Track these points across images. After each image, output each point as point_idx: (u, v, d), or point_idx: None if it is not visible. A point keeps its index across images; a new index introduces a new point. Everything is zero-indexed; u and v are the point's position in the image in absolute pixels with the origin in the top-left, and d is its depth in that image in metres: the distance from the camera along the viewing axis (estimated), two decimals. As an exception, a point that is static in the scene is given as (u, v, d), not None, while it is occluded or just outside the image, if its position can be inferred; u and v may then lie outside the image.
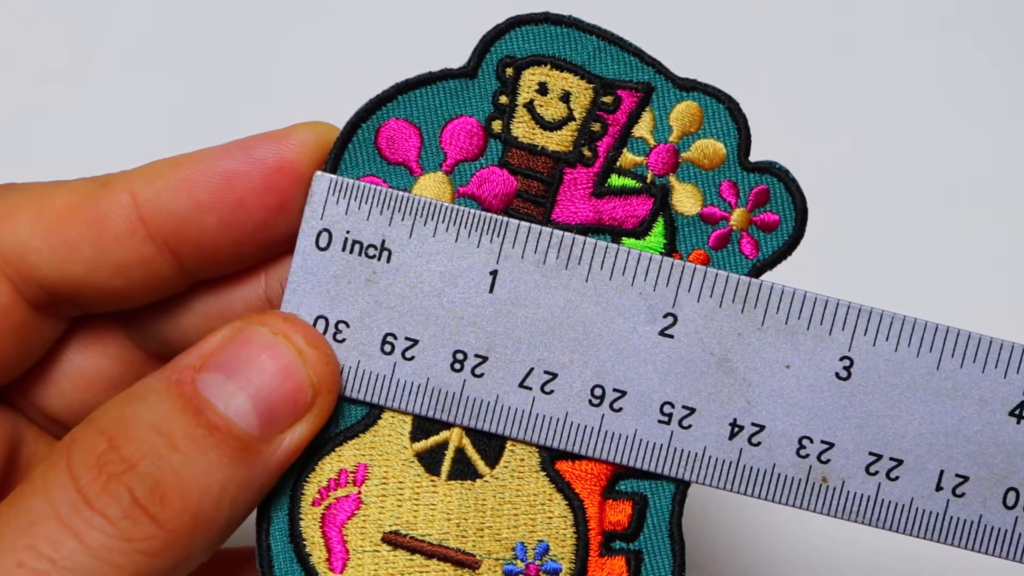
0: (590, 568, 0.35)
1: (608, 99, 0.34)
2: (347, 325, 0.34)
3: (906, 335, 0.34)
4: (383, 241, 0.33)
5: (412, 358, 0.34)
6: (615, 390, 0.34)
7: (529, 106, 0.34)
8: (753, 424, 0.34)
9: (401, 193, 0.33)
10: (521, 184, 0.34)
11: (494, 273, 0.33)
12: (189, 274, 0.35)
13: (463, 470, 0.35)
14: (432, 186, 0.34)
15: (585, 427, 0.34)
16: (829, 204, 0.40)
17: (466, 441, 0.34)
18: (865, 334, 0.34)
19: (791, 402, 0.34)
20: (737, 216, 0.35)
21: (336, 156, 0.34)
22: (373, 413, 0.34)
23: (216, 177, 0.33)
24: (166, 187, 0.33)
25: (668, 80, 0.34)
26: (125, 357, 0.38)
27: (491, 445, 0.35)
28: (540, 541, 0.35)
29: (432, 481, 0.34)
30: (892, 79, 0.58)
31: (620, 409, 0.34)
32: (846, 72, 0.58)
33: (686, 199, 0.35)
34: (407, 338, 0.34)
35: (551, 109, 0.34)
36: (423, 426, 0.34)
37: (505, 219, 0.33)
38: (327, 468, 0.34)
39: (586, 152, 0.34)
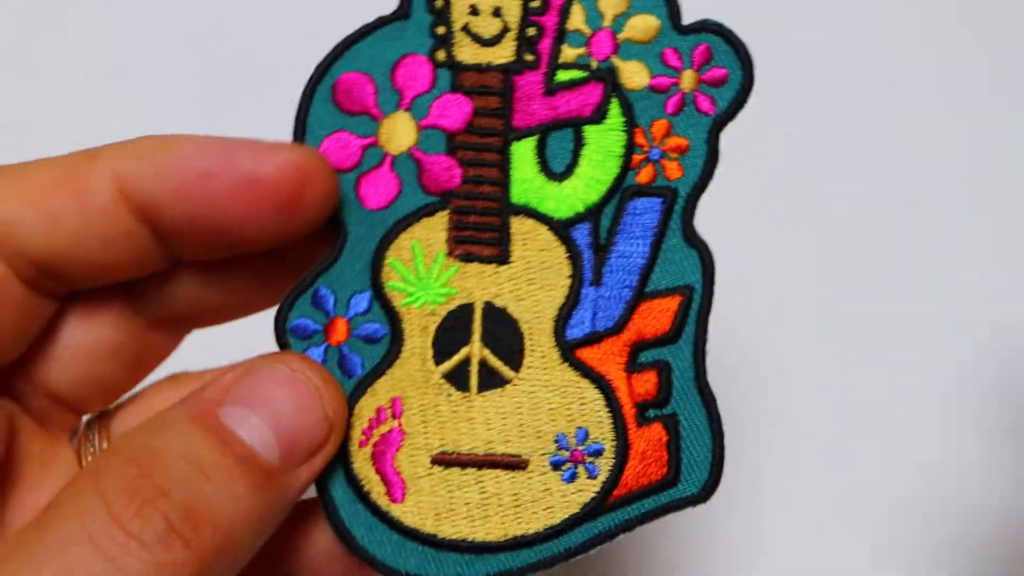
0: (631, 440, 0.36)
1: (536, 3, 0.36)
2: None
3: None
4: None
5: None
6: None
7: (466, 29, 0.36)
8: None
9: None
10: (477, 103, 0.36)
11: None
12: (171, 255, 0.36)
13: (491, 380, 0.36)
14: (395, 125, 0.36)
15: None
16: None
17: (486, 352, 0.36)
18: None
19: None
20: (686, 78, 0.36)
21: (301, 122, 0.36)
22: (393, 350, 0.36)
23: (192, 171, 0.34)
24: (146, 169, 0.34)
25: None
26: (124, 325, 0.38)
27: (511, 350, 0.36)
28: (579, 428, 0.36)
29: (465, 397, 0.36)
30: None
31: None
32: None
33: (633, 75, 0.36)
34: None
35: (487, 26, 0.36)
36: (443, 348, 0.36)
37: None
38: (365, 409, 0.36)
39: (528, 57, 0.36)
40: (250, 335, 0.40)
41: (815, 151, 0.53)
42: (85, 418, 0.40)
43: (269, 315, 0.37)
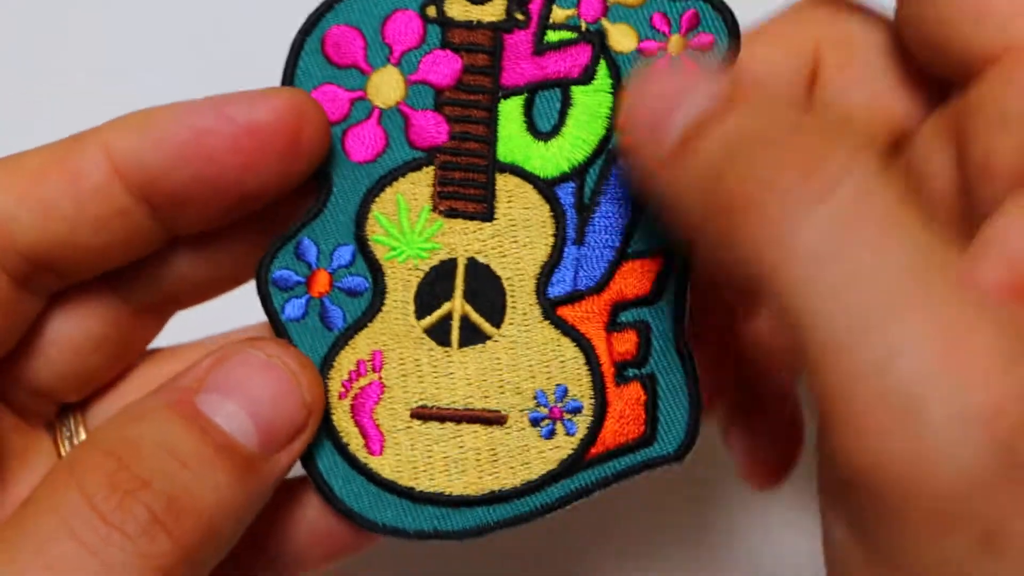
0: (609, 399, 0.36)
1: None
2: None
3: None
4: None
5: None
6: None
7: None
8: None
9: None
10: (466, 59, 0.36)
11: None
12: (167, 229, 0.35)
13: (472, 336, 0.36)
14: (384, 80, 0.36)
15: None
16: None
17: (468, 308, 0.36)
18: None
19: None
20: (673, 43, 0.36)
21: (290, 73, 0.36)
22: (376, 303, 0.36)
23: (186, 132, 0.33)
24: (139, 140, 0.33)
25: None
26: (111, 315, 0.37)
27: (493, 306, 0.36)
28: (558, 385, 0.36)
29: (446, 352, 0.36)
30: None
31: None
32: None
33: (622, 38, 0.36)
34: None
35: None
36: (425, 303, 0.36)
37: None
38: (345, 361, 0.36)
39: (519, 16, 0.36)
40: (226, 307, 0.40)
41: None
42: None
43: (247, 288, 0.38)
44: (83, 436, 0.38)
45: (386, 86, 0.36)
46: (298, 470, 0.36)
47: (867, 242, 0.27)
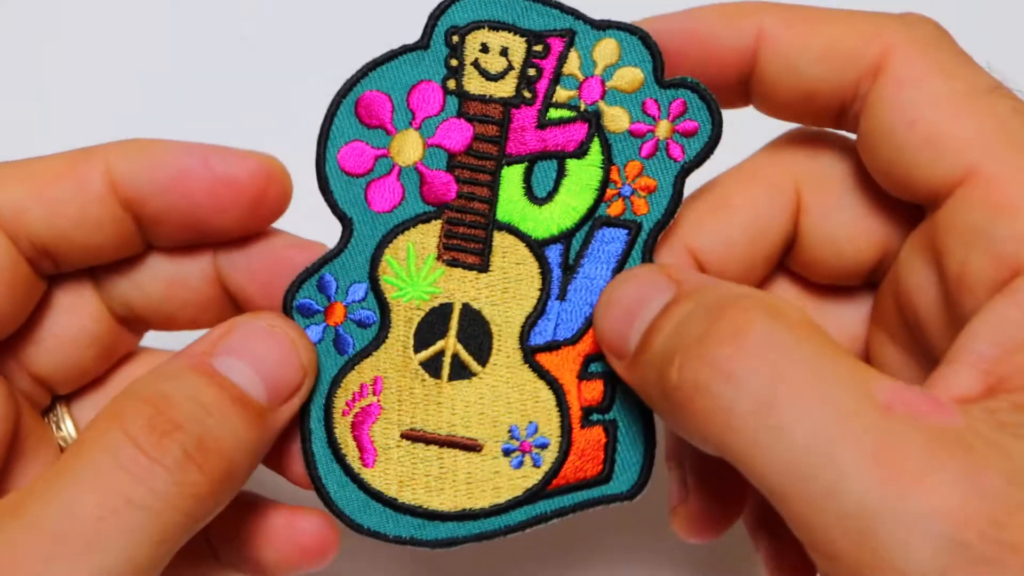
0: (574, 438, 0.40)
1: (539, 47, 0.41)
2: None
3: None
4: None
5: None
6: None
7: (475, 64, 0.41)
8: None
9: None
10: (478, 129, 0.41)
11: None
12: (145, 239, 0.42)
13: (460, 371, 0.41)
14: (405, 141, 0.41)
15: None
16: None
17: (459, 347, 0.41)
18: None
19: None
20: (661, 128, 0.41)
21: (326, 128, 0.42)
22: (381, 335, 0.41)
23: (173, 170, 0.40)
24: (135, 167, 0.40)
25: (587, 24, 0.41)
26: (98, 316, 0.43)
27: (481, 347, 0.41)
28: (530, 422, 0.41)
29: (436, 384, 0.41)
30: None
31: None
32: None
33: (616, 119, 0.41)
34: None
35: (494, 63, 0.41)
36: (423, 339, 0.41)
37: None
38: (350, 383, 0.41)
39: (527, 94, 0.41)
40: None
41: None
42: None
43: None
44: (69, 423, 0.45)
45: (407, 147, 0.41)
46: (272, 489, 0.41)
47: (795, 392, 0.31)
